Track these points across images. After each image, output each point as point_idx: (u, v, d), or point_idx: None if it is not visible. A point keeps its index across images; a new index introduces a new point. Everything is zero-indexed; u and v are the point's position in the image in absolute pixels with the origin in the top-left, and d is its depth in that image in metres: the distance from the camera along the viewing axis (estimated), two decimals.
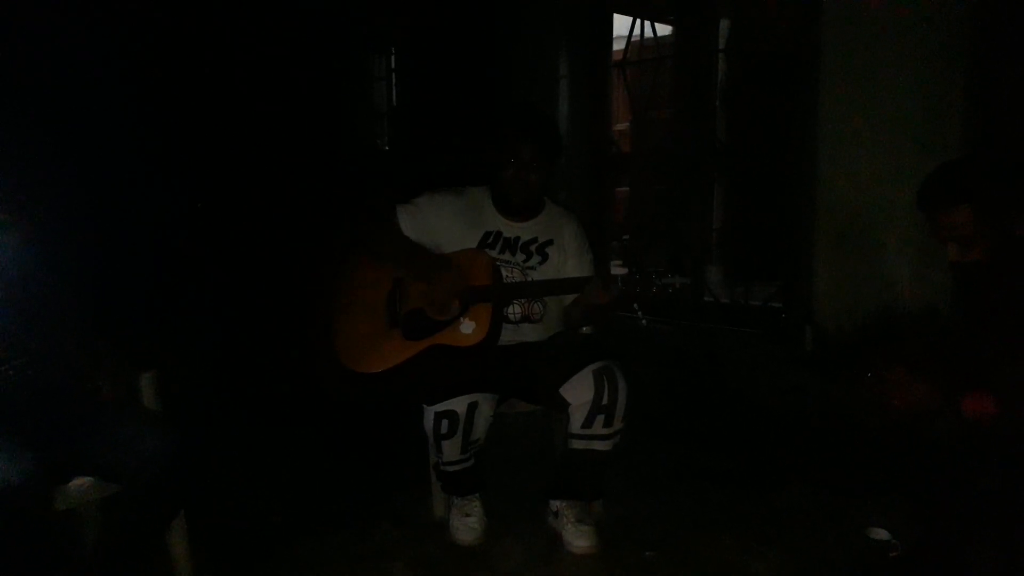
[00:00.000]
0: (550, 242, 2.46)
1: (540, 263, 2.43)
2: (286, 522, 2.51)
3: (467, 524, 2.36)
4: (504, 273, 2.38)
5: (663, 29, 5.20)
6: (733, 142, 5.02)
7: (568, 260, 2.45)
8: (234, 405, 3.13)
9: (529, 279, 2.40)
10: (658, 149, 5.25)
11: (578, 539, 2.29)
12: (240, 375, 3.35)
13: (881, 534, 2.23)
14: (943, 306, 3.26)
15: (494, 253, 2.40)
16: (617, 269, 5.39)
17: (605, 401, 2.23)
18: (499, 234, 2.43)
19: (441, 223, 2.42)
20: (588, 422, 2.25)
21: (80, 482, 1.84)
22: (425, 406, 2.27)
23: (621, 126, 5.80)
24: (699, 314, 4.50)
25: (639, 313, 2.22)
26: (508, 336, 2.39)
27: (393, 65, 5.66)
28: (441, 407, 2.24)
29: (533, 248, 2.44)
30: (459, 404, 2.23)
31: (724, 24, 5.10)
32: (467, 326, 2.27)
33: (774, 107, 4.35)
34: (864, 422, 2.99)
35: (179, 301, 3.31)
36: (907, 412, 1.96)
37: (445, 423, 2.24)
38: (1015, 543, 1.83)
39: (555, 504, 2.38)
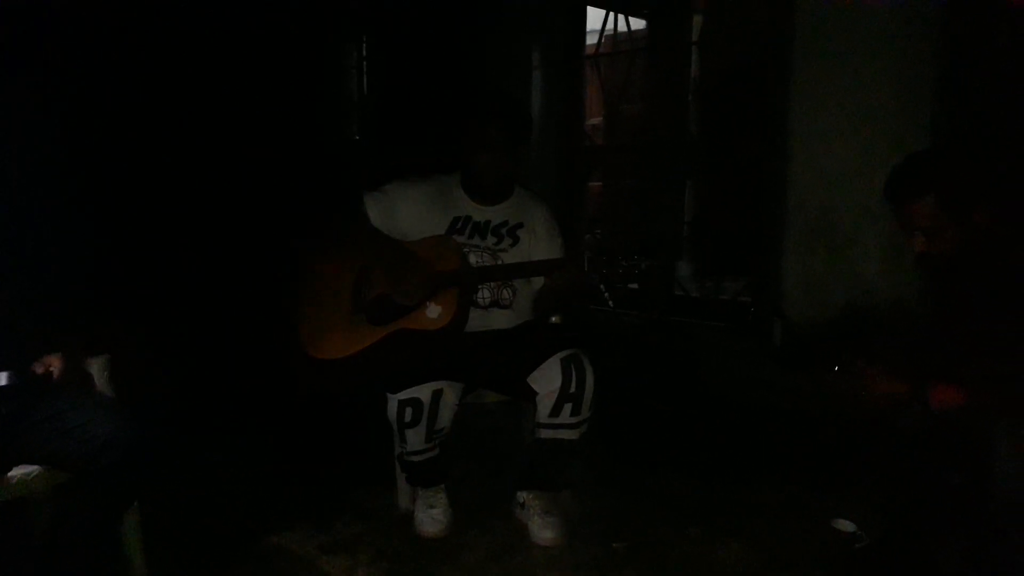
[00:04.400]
0: (520, 225, 2.43)
1: (511, 246, 2.40)
2: (247, 514, 2.45)
3: (432, 516, 2.33)
4: (474, 258, 2.35)
5: (636, 23, 5.18)
6: (705, 136, 5.02)
7: (538, 243, 2.42)
8: (192, 394, 3.05)
9: (500, 263, 2.37)
10: (631, 143, 5.24)
11: (544, 530, 2.26)
12: (199, 363, 3.27)
13: (846, 526, 2.23)
14: (912, 301, 3.27)
15: (463, 238, 2.37)
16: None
17: (573, 389, 2.21)
18: (468, 218, 2.40)
19: (409, 210, 2.38)
20: (555, 411, 2.23)
21: (25, 471, 1.77)
22: (388, 394, 2.23)
23: (594, 120, 5.78)
24: (669, 307, 4.49)
25: (606, 295, 2.20)
26: (477, 322, 2.35)
27: (364, 54, 5.58)
28: (405, 395, 2.20)
29: (504, 231, 2.41)
30: (423, 392, 2.19)
31: (697, 19, 5.10)
32: (433, 310, 2.23)
33: (746, 102, 4.35)
34: (832, 415, 3.00)
35: (136, 285, 3.21)
36: (875, 404, 1.97)
37: (409, 411, 2.20)
38: (978, 535, 1.84)
39: (522, 495, 2.36)
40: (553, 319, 2.64)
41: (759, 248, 4.07)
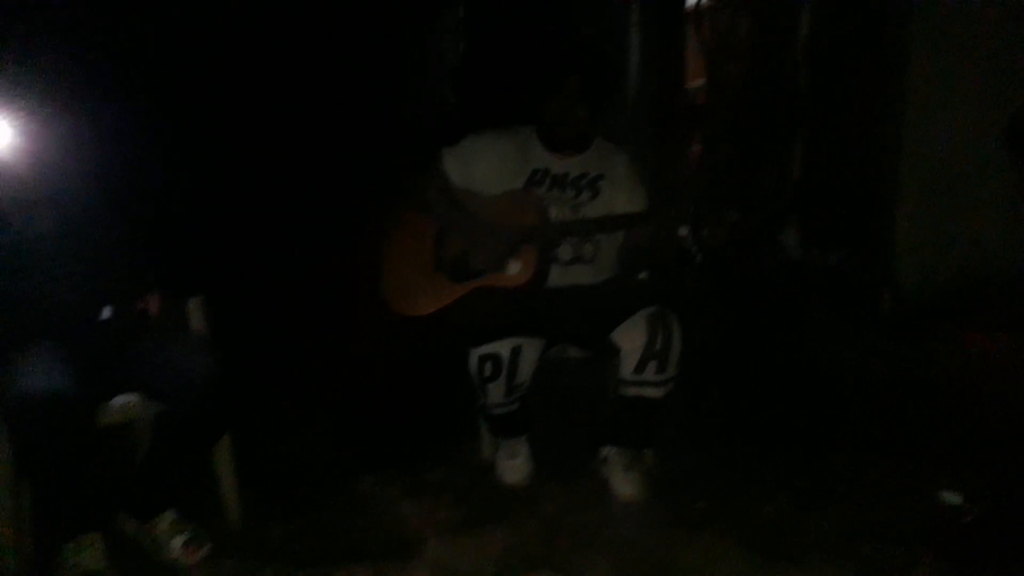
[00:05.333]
0: (600, 176, 2.37)
1: (591, 199, 2.35)
2: (335, 459, 2.52)
3: (513, 465, 2.33)
4: (554, 212, 2.31)
5: None
6: (815, 94, 4.75)
7: (620, 195, 2.35)
8: (285, 341, 3.13)
9: (580, 216, 2.32)
10: (735, 102, 5.04)
11: (625, 486, 2.22)
12: (291, 313, 3.36)
13: (953, 498, 2.10)
14: None
15: (542, 191, 2.33)
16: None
17: (659, 347, 2.15)
18: (547, 171, 2.35)
19: (486, 164, 2.36)
20: (640, 368, 2.18)
21: (125, 400, 1.87)
22: (469, 349, 2.23)
23: (696, 83, 5.60)
24: (769, 272, 4.33)
25: (694, 249, 2.12)
26: (559, 278, 2.32)
27: (461, 16, 5.59)
28: (484, 350, 2.19)
29: (583, 183, 2.35)
30: (503, 347, 2.18)
31: None
32: (513, 267, 2.21)
33: (859, 56, 4.09)
34: (938, 386, 2.82)
35: (235, 235, 3.33)
36: (994, 370, 1.84)
37: (489, 366, 2.19)
38: None
39: (604, 451, 2.31)
40: (641, 276, 2.58)
41: (870, 211, 3.86)
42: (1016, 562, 1.80)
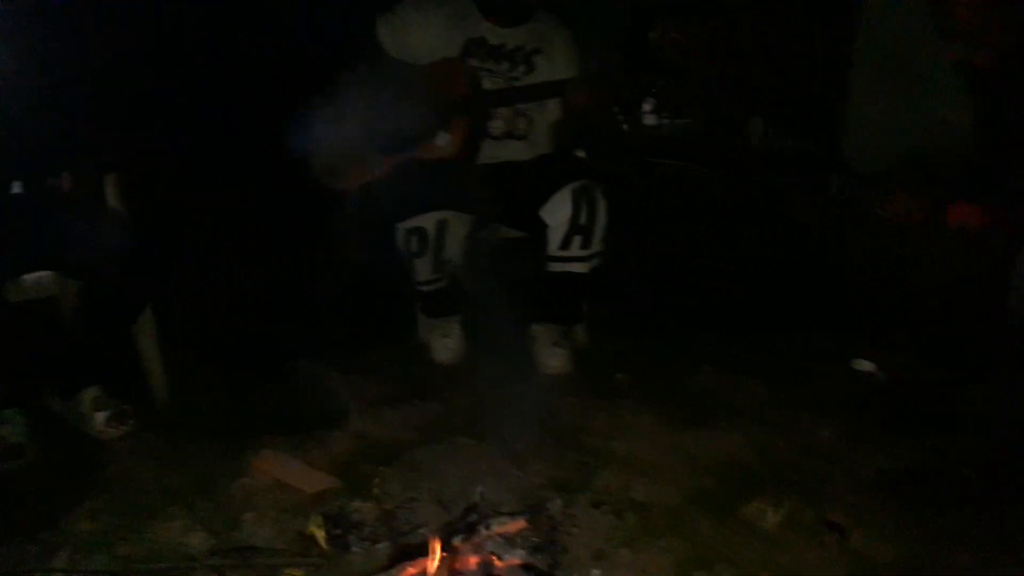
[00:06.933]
0: (537, 51, 2.32)
1: (525, 73, 2.30)
2: (267, 339, 2.51)
3: (445, 344, 2.36)
4: (488, 84, 2.26)
5: None
6: None
7: (555, 71, 2.31)
8: (213, 221, 3.04)
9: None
10: None
11: (551, 360, 2.26)
12: (221, 191, 3.26)
13: (865, 365, 2.15)
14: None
15: (477, 62, 2.28)
16: (649, 119, 5.13)
17: (583, 221, 2.16)
18: (483, 40, 2.29)
19: (420, 32, 2.29)
20: (565, 243, 2.19)
21: (37, 276, 1.87)
22: (396, 224, 2.22)
23: None
24: (738, 162, 4.29)
25: (620, 117, 2.10)
26: (491, 153, 2.30)
27: None
28: (410, 224, 2.19)
29: (519, 57, 2.31)
30: (427, 221, 2.17)
31: None
32: (442, 138, 2.19)
33: None
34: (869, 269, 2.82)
35: (155, 105, 3.18)
36: (895, 224, 1.87)
37: (415, 240, 2.20)
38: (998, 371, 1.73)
39: (534, 328, 2.34)
40: (579, 154, 2.55)
41: (827, 92, 3.79)
42: (915, 423, 1.87)
